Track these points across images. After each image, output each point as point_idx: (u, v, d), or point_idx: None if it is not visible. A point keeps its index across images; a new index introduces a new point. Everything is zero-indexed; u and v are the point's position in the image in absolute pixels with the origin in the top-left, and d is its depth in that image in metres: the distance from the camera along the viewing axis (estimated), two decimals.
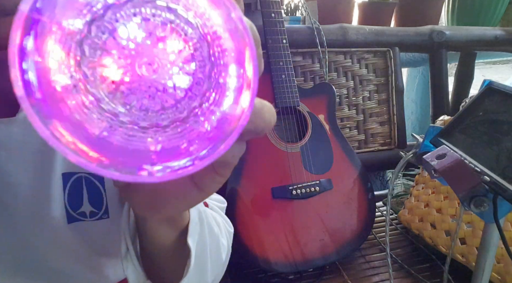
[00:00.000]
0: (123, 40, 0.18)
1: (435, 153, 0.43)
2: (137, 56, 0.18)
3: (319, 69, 1.04)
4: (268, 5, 0.83)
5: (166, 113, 0.19)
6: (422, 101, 1.56)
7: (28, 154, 0.40)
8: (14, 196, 0.40)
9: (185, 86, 0.19)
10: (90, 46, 0.18)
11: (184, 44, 0.19)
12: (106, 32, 0.18)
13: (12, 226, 0.41)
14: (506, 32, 1.21)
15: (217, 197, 0.49)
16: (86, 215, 0.44)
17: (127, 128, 0.19)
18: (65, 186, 0.42)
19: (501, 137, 0.43)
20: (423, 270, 0.81)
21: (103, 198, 0.44)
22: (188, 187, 0.23)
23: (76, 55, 0.18)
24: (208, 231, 0.37)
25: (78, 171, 0.42)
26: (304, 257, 0.77)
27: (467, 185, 0.40)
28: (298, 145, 0.82)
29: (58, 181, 0.41)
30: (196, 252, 0.34)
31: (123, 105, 0.19)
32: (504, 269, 0.67)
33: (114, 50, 0.18)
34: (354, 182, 0.85)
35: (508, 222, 0.68)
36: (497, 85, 0.48)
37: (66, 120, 0.16)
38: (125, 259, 0.34)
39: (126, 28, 0.18)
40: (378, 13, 1.21)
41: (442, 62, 1.16)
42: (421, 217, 0.84)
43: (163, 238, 0.32)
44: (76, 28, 0.17)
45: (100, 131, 0.18)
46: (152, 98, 0.19)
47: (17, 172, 0.40)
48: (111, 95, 0.18)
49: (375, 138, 1.11)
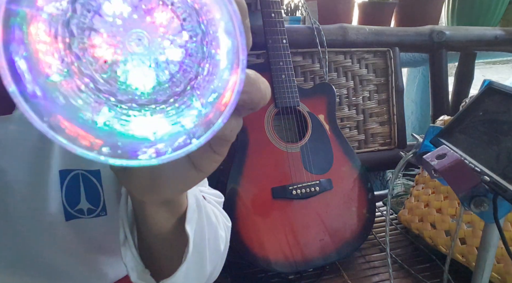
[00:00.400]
0: (109, 17, 0.18)
1: (435, 153, 0.43)
2: (125, 32, 0.18)
3: (319, 69, 1.04)
4: (268, 5, 0.83)
5: (162, 88, 0.19)
6: (422, 101, 1.56)
7: (24, 151, 0.39)
8: (11, 194, 0.40)
9: (178, 59, 0.19)
10: (77, 26, 0.17)
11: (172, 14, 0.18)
12: (91, 10, 0.17)
13: (9, 223, 0.41)
14: (506, 32, 1.21)
15: (215, 192, 0.49)
16: (84, 212, 0.43)
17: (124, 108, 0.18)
18: (62, 183, 0.42)
19: (501, 137, 0.43)
20: (423, 270, 0.81)
21: (100, 195, 0.44)
22: (186, 167, 0.23)
23: (64, 37, 0.17)
24: (206, 220, 0.36)
25: (75, 168, 0.42)
26: (304, 257, 0.77)
27: (467, 185, 0.40)
28: (298, 145, 0.82)
29: (55, 178, 0.41)
30: (195, 240, 0.33)
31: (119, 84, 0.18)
32: (504, 269, 0.66)
33: (102, 29, 0.18)
34: (354, 182, 0.85)
35: (508, 222, 0.68)
36: (497, 85, 0.48)
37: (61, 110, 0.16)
38: (124, 247, 0.34)
39: (111, 3, 0.17)
40: (378, 13, 1.21)
41: (442, 62, 1.16)
42: (421, 217, 0.84)
43: (161, 224, 0.31)
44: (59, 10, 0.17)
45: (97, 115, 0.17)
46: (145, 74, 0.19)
47: (13, 170, 0.39)
48: (106, 75, 0.18)
49: (375, 138, 1.11)
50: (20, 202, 0.41)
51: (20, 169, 0.40)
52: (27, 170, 0.40)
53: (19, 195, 0.40)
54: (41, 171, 0.40)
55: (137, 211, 0.31)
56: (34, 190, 0.41)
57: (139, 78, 0.19)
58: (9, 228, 0.42)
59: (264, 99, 0.20)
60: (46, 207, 0.41)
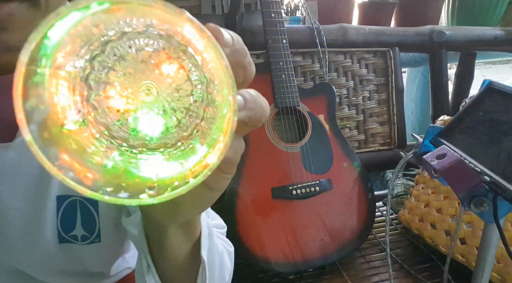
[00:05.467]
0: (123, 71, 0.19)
1: (435, 153, 0.43)
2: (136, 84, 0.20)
3: (319, 69, 1.04)
4: (268, 5, 0.83)
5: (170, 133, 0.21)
6: (422, 101, 1.56)
7: (23, 178, 0.40)
8: (5, 218, 0.41)
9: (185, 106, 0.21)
10: (95, 80, 0.19)
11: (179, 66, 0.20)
12: (106, 67, 0.19)
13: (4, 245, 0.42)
14: (506, 32, 1.21)
15: (218, 222, 0.50)
16: (78, 238, 0.44)
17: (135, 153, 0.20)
18: (59, 209, 0.43)
19: (501, 137, 0.43)
20: (423, 270, 0.81)
21: (96, 222, 0.45)
22: (200, 189, 0.24)
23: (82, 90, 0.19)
24: (215, 248, 0.38)
25: (73, 194, 0.43)
26: (304, 257, 0.77)
27: (467, 185, 0.40)
28: (298, 145, 0.82)
29: (52, 204, 0.42)
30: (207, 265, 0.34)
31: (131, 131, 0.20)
32: (504, 269, 0.67)
33: (116, 82, 0.19)
34: (354, 182, 0.85)
35: (508, 222, 0.68)
36: (497, 85, 0.48)
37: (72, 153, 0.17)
38: (148, 275, 0.35)
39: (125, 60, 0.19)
40: (378, 13, 1.21)
41: (442, 62, 1.16)
42: (421, 217, 0.84)
43: (178, 247, 0.32)
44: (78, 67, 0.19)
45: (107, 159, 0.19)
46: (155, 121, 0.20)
47: (10, 196, 0.40)
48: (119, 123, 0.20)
49: (375, 138, 1.11)
50: (15, 226, 0.42)
51: (17, 195, 0.41)
52: (25, 196, 0.41)
53: (14, 220, 0.41)
54: (39, 197, 0.41)
55: (155, 237, 0.32)
56: (30, 216, 0.42)
57: (148, 125, 0.21)
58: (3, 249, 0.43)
59: (265, 116, 0.21)
60: (41, 232, 0.42)
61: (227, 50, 0.19)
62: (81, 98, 0.19)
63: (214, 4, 1.00)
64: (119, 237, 0.50)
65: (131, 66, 0.20)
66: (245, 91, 0.20)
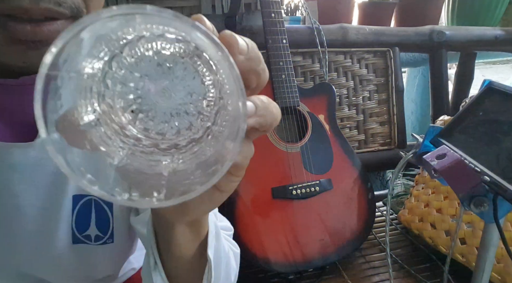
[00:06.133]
0: (139, 73, 0.20)
1: (435, 153, 0.43)
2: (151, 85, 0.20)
3: (319, 69, 1.04)
4: (268, 5, 0.83)
5: (182, 135, 0.22)
6: (422, 101, 1.56)
7: (42, 176, 0.41)
8: (20, 216, 0.41)
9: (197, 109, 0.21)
10: (112, 80, 0.20)
11: (194, 70, 0.21)
12: (123, 68, 0.20)
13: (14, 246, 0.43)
14: (506, 32, 1.21)
15: (225, 224, 0.50)
16: (91, 238, 0.45)
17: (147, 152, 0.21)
18: (74, 208, 0.43)
19: (501, 137, 0.43)
20: (423, 270, 0.81)
21: (110, 222, 0.45)
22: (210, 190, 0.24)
23: (99, 89, 0.20)
24: (222, 248, 0.38)
25: (88, 194, 0.43)
26: (304, 257, 0.77)
27: (467, 185, 0.40)
28: (298, 145, 0.82)
29: (68, 203, 0.43)
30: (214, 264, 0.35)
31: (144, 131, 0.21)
32: (504, 269, 0.66)
33: (132, 82, 0.20)
34: (354, 182, 0.85)
35: (508, 222, 0.68)
36: (497, 85, 0.48)
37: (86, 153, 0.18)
38: (154, 272, 0.35)
39: (142, 61, 0.20)
40: (378, 13, 1.21)
41: (442, 62, 1.16)
42: (421, 217, 0.84)
43: (185, 245, 0.33)
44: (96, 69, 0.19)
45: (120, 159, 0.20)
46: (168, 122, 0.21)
47: (28, 194, 0.41)
48: (133, 122, 0.21)
49: (375, 138, 1.11)
50: (31, 224, 0.42)
51: (34, 192, 0.41)
52: (43, 194, 0.41)
53: (30, 217, 0.42)
54: (55, 195, 0.42)
55: (163, 234, 0.33)
56: (46, 214, 0.42)
57: (161, 126, 0.21)
58: (11, 248, 0.43)
59: (276, 122, 0.22)
60: (56, 230, 0.43)
61: (241, 57, 0.20)
62: (98, 97, 0.20)
63: (214, 4, 1.00)
64: (130, 237, 0.50)
65: (147, 67, 0.20)
66: (256, 98, 0.21)
